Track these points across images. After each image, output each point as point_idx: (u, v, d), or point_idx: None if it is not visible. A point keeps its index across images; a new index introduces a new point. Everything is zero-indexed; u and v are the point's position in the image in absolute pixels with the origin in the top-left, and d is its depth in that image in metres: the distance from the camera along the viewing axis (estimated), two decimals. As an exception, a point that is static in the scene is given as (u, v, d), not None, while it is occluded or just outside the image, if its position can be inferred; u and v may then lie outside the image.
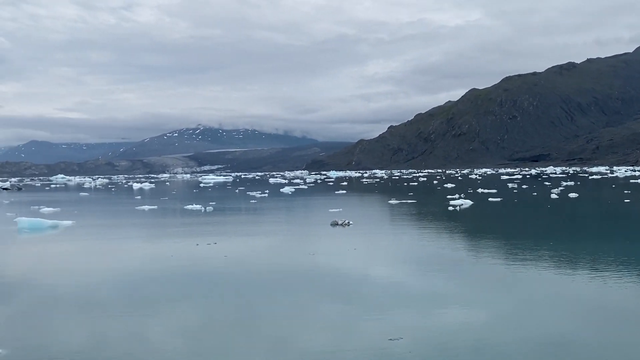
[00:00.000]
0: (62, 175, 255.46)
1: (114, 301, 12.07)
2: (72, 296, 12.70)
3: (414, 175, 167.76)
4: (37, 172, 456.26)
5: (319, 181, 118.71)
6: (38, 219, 28.46)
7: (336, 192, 63.53)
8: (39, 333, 9.81)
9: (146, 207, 41.71)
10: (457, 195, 44.36)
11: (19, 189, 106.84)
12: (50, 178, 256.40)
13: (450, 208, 35.61)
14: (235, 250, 19.20)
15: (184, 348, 8.89)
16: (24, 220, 27.74)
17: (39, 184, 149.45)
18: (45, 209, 41.23)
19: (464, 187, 69.73)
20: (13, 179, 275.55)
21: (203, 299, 12.10)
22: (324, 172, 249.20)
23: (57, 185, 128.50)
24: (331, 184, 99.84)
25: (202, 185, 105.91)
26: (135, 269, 16.05)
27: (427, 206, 39.61)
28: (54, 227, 28.13)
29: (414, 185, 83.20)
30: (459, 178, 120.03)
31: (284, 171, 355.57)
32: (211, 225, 28.42)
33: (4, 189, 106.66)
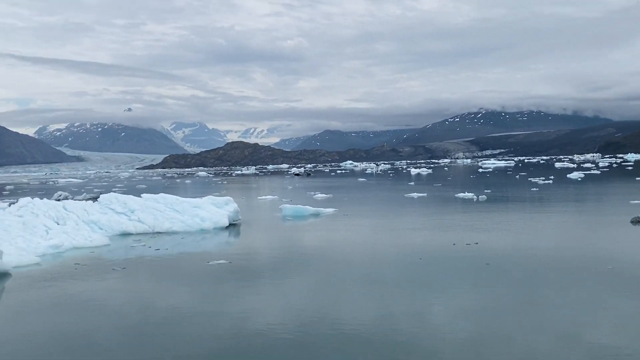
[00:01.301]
0: (350, 162, 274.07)
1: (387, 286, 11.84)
2: (351, 275, 13.05)
3: None
4: (329, 159, 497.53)
5: (614, 165, 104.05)
6: (301, 206, 28.15)
7: (637, 179, 53.36)
8: (336, 304, 10.53)
9: (415, 195, 39.55)
10: None
11: (308, 174, 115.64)
12: (340, 164, 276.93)
13: None
14: (500, 254, 15.28)
15: (466, 329, 8.87)
16: (287, 208, 27.66)
17: (328, 170, 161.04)
18: (319, 195, 42.00)
19: None
20: (308, 166, 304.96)
21: (470, 297, 10.76)
22: (620, 155, 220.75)
23: (343, 171, 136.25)
24: (630, 168, 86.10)
25: (480, 170, 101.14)
26: (378, 267, 13.44)
27: None
28: (315, 215, 27.50)
29: None
30: None
31: (572, 155, 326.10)
32: (479, 218, 24.65)
33: (295, 174, 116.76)
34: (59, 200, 51.96)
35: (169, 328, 9.28)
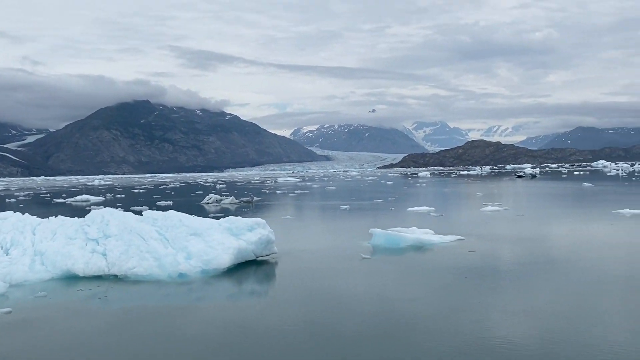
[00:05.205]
0: (602, 162, 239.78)
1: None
2: None
3: None
4: (581, 158, 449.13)
5: None
6: (397, 232, 18.12)
7: None
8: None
9: (627, 212, 26.17)
10: None
11: (533, 176, 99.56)
12: (592, 164, 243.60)
13: None
14: None
15: None
16: (378, 235, 17.92)
17: (566, 171, 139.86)
18: (490, 208, 30.96)
19: None
20: (553, 165, 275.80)
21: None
22: None
23: (582, 173, 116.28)
24: None
25: None
26: None
27: None
28: (417, 247, 17.35)
29: None
30: None
31: None
32: None
33: (518, 176, 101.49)
34: (207, 203, 47.74)
35: None
